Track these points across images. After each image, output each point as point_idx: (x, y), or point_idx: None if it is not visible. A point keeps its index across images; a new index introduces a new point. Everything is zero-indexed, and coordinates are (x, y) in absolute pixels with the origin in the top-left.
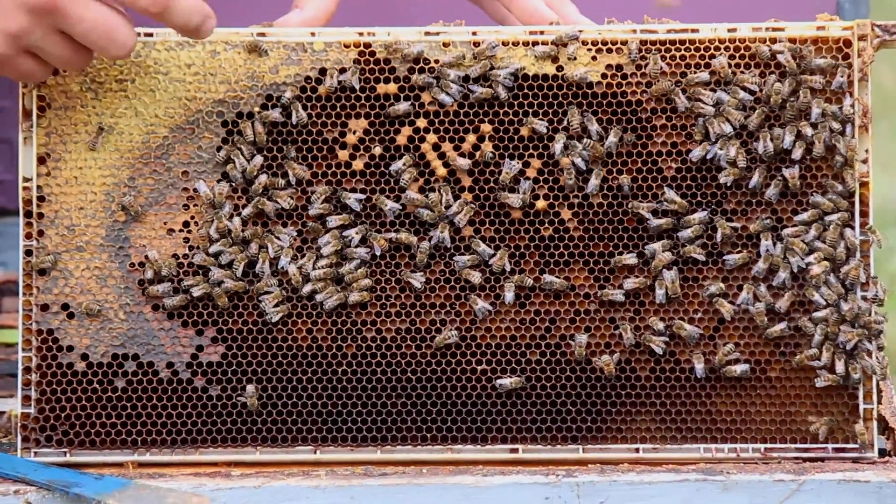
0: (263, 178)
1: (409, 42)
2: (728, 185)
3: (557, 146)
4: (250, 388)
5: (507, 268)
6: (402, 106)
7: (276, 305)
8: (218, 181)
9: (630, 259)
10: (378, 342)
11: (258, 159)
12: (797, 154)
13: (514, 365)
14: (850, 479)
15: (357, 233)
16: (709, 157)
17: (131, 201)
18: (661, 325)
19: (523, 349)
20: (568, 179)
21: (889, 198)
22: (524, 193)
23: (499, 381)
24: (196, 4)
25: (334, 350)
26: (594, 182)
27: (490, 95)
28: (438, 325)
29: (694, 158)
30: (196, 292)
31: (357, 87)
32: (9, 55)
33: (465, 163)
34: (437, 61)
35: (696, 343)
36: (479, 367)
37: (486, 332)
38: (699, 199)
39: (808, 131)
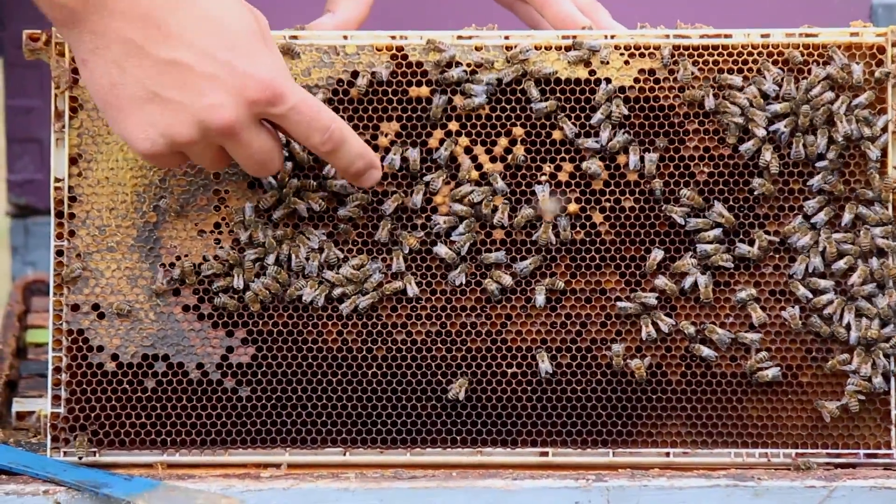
0: (295, 182)
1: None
2: (763, 194)
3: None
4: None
5: (552, 240)
6: (479, 99)
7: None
8: (249, 185)
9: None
10: (408, 344)
11: (288, 165)
12: (832, 155)
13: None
14: (882, 485)
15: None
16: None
17: (169, 203)
18: (692, 329)
19: (554, 353)
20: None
21: None
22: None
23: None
24: (362, 149)
25: (364, 352)
26: (634, 158)
27: (554, 108)
28: (469, 328)
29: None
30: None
31: (385, 79)
32: (164, 154)
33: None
34: (469, 65)
35: (727, 347)
36: (509, 371)
37: (516, 336)
38: (731, 203)
39: (842, 130)
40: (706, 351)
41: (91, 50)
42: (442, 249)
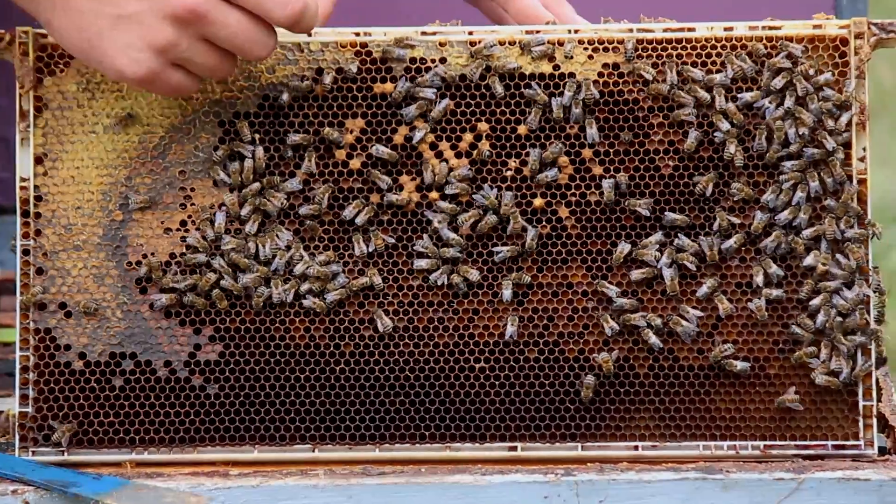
0: (256, 185)
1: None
2: (738, 187)
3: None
4: (589, 378)
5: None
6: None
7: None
8: (214, 183)
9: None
10: (376, 340)
11: (260, 151)
12: (794, 148)
13: (511, 363)
14: (850, 477)
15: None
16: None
17: (139, 199)
18: (658, 321)
19: (521, 347)
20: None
21: (888, 194)
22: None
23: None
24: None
25: (332, 348)
26: (591, 132)
27: (544, 102)
28: (436, 323)
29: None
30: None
31: (355, 73)
32: (158, 70)
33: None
34: (433, 61)
35: (693, 340)
36: (477, 366)
37: (483, 330)
38: (697, 195)
39: (806, 119)
40: (740, 365)
41: (49, 9)
42: (423, 262)
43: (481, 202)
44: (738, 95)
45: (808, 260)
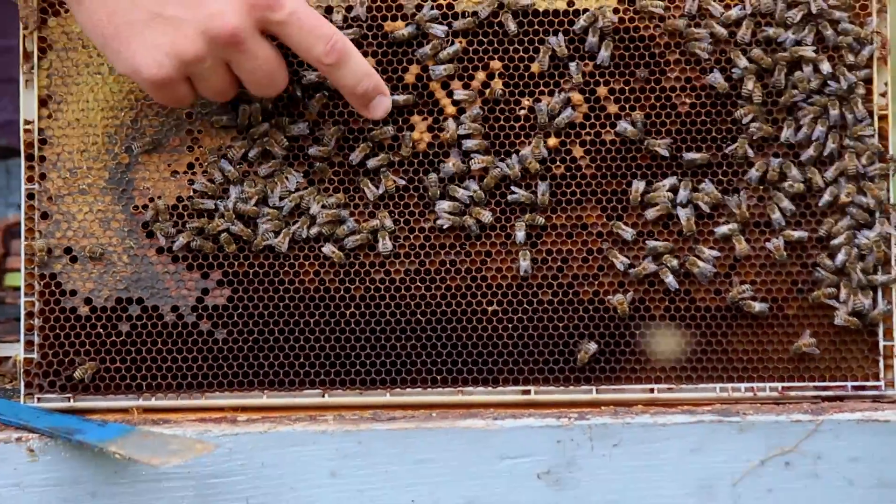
0: (265, 125)
1: None
2: (744, 121)
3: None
4: (591, 345)
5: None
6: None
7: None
8: (226, 118)
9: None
10: (387, 284)
11: (256, 105)
12: (814, 84)
13: (525, 305)
14: (869, 418)
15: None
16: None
17: (145, 141)
18: (675, 262)
19: (535, 289)
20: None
21: None
22: (543, 195)
23: None
24: (369, 69)
25: (342, 292)
26: (605, 53)
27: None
28: (448, 265)
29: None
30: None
31: (364, 19)
32: (173, 79)
33: (469, 94)
34: None
35: (710, 281)
36: (489, 308)
37: (496, 273)
38: (714, 134)
39: (825, 66)
40: (758, 306)
41: None
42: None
43: (505, 171)
44: (759, 31)
45: (826, 196)
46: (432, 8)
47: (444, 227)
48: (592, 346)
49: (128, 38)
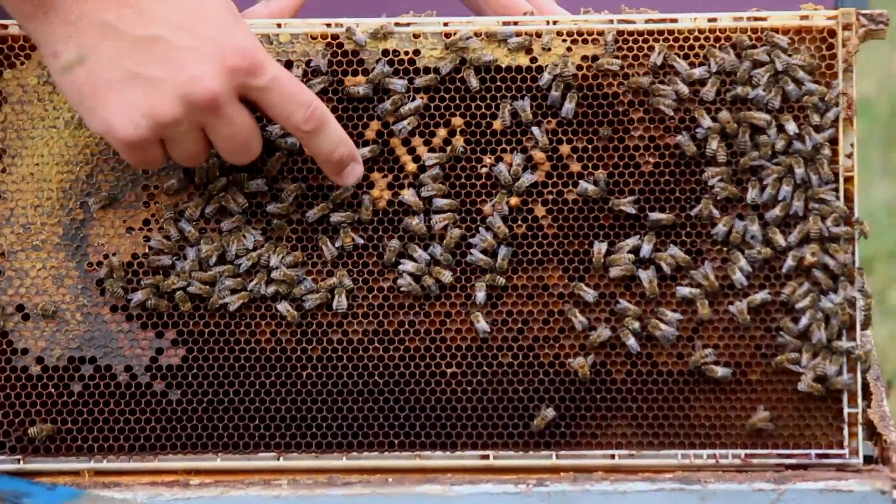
0: (223, 180)
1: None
2: (712, 185)
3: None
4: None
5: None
6: (362, 88)
7: (234, 293)
8: (177, 181)
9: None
10: (344, 344)
11: (215, 160)
12: (780, 145)
13: (484, 368)
14: (833, 488)
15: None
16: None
17: (100, 197)
18: (636, 325)
19: (495, 351)
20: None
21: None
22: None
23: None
24: (344, 136)
25: (298, 353)
26: (569, 106)
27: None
28: (407, 326)
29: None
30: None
31: (325, 69)
32: (147, 140)
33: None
34: (406, 53)
35: (672, 345)
36: (448, 371)
37: (456, 334)
38: (678, 194)
39: (791, 127)
40: (721, 371)
41: (63, 40)
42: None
43: (479, 243)
44: (724, 89)
45: (789, 261)
46: (387, 64)
47: (403, 289)
48: (550, 413)
49: (105, 97)
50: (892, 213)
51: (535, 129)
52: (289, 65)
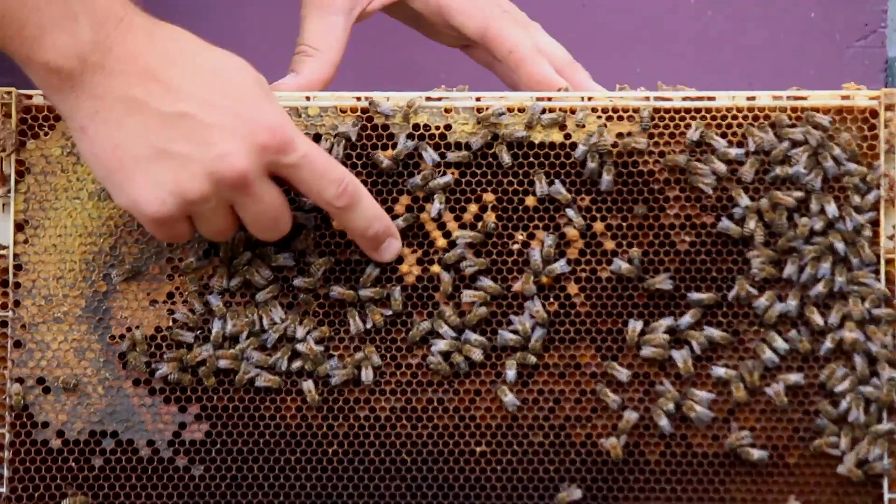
0: (248, 254)
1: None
2: (756, 266)
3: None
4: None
5: (534, 290)
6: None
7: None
8: (204, 253)
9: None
10: (371, 421)
11: (241, 234)
12: (818, 226)
13: (515, 447)
14: None
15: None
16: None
17: (123, 269)
18: (671, 406)
19: (525, 430)
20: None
21: None
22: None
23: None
24: (380, 211)
25: (325, 429)
26: (607, 178)
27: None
28: (436, 403)
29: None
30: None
31: (354, 137)
32: (175, 217)
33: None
34: (437, 128)
35: (708, 427)
36: (478, 449)
37: (486, 412)
38: (714, 274)
39: (831, 209)
40: (757, 454)
41: (90, 115)
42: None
43: (516, 325)
44: (761, 168)
45: (828, 343)
46: (418, 138)
47: (433, 367)
48: (577, 493)
49: (132, 173)
50: None
51: (569, 211)
52: (317, 138)
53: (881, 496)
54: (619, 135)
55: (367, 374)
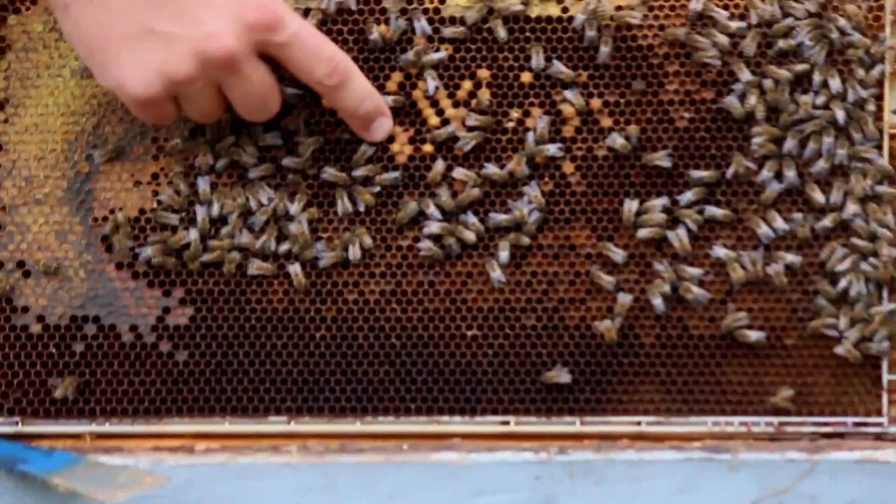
0: (232, 138)
1: None
2: (757, 142)
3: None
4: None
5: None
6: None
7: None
8: (191, 132)
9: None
10: (360, 305)
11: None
12: (820, 101)
13: (506, 330)
14: (869, 458)
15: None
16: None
17: (107, 149)
18: (666, 288)
19: (518, 313)
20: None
21: None
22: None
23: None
24: (371, 90)
25: (312, 313)
26: (605, 50)
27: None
28: (426, 286)
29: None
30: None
31: (354, 6)
32: (161, 98)
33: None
34: (431, 1)
35: (705, 308)
36: (469, 333)
37: (477, 295)
38: (713, 151)
39: (835, 84)
40: (754, 335)
41: None
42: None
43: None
44: (764, 42)
45: (826, 222)
46: (398, 18)
47: (423, 253)
48: (565, 377)
49: (116, 53)
50: None
51: (568, 93)
52: (306, 13)
53: (879, 378)
54: (619, 8)
55: (354, 252)
